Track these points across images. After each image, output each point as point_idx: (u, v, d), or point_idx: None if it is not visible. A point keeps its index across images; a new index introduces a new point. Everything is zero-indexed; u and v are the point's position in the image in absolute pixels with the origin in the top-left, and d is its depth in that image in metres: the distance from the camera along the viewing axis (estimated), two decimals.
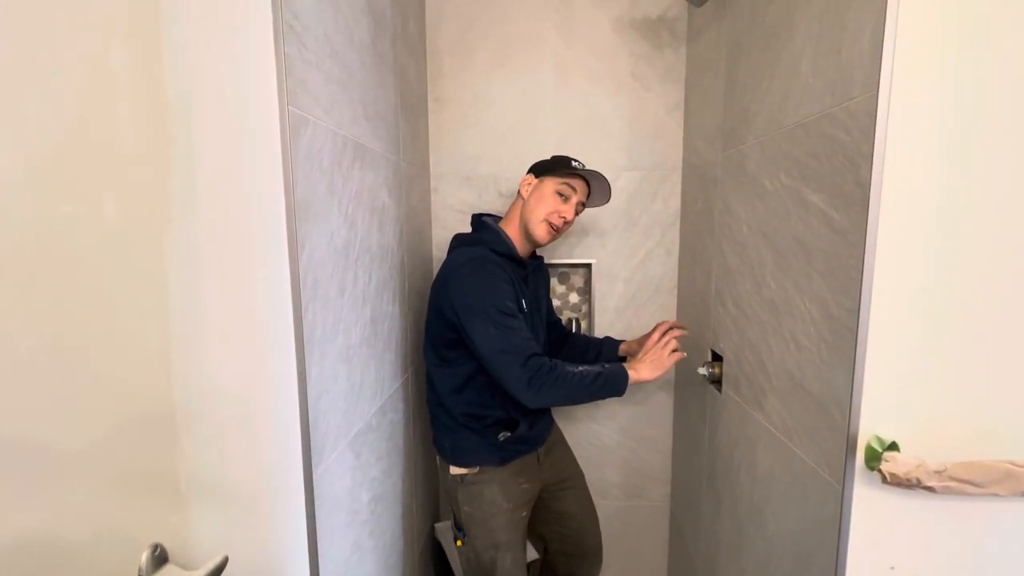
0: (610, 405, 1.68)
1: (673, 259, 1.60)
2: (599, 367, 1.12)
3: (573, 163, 1.21)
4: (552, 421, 1.38)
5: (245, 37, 0.63)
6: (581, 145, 1.52)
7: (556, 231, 1.21)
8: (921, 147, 0.66)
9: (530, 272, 1.28)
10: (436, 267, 1.63)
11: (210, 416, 0.57)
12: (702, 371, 1.27)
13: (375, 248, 1.08)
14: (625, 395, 1.64)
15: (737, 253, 1.12)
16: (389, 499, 1.17)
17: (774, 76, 0.95)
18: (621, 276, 1.62)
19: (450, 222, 1.62)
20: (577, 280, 1.67)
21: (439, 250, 1.63)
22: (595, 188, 1.24)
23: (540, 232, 1.20)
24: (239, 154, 0.62)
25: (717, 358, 1.26)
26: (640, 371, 1.15)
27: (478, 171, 1.60)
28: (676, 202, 1.57)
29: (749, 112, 1.06)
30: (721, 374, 1.23)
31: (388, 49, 1.16)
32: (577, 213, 1.24)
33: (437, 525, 1.62)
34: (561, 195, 1.20)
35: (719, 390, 1.25)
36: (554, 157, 1.25)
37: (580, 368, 1.11)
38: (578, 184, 1.21)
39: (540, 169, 1.24)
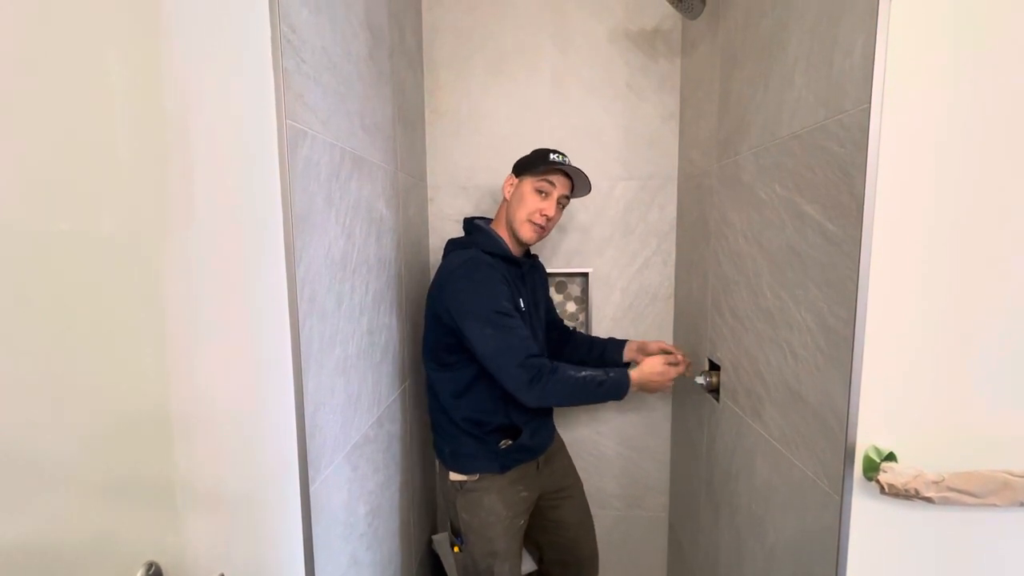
0: (608, 415, 1.68)
1: (669, 268, 1.60)
2: (603, 372, 1.12)
3: (551, 156, 1.19)
4: (554, 430, 1.37)
5: (244, 51, 0.64)
6: (577, 155, 1.52)
7: (542, 229, 1.21)
8: (914, 159, 0.66)
9: (526, 271, 1.27)
10: (434, 277, 1.63)
11: (206, 430, 0.56)
12: (700, 380, 1.27)
13: (372, 259, 1.08)
14: (623, 404, 1.65)
15: (733, 263, 1.13)
16: (386, 512, 1.16)
17: (768, 88, 0.96)
18: (618, 285, 1.62)
19: (447, 232, 1.62)
20: (574, 289, 1.67)
21: (436, 260, 1.63)
22: (577, 179, 1.22)
23: (525, 232, 1.20)
24: (237, 167, 0.62)
25: (714, 367, 1.26)
26: (643, 381, 1.15)
27: (474, 181, 1.60)
28: (672, 211, 1.58)
29: (743, 123, 1.07)
30: (719, 383, 1.23)
31: (385, 61, 1.17)
32: (562, 207, 1.23)
33: (434, 537, 1.60)
34: (541, 192, 1.19)
35: (717, 399, 1.25)
36: (534, 152, 1.24)
37: (583, 372, 1.10)
38: (557, 178, 1.19)
39: (520, 167, 1.24)
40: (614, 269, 1.62)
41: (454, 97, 1.57)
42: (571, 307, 1.68)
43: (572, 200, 1.56)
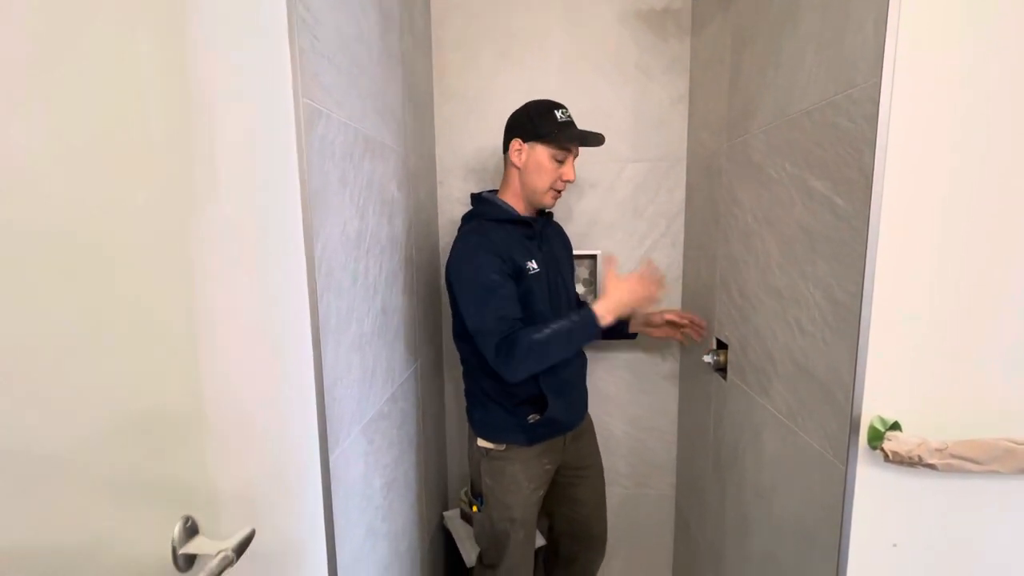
0: (617, 394, 1.70)
1: (678, 250, 1.61)
2: (568, 320, 1.11)
3: (558, 114, 1.17)
4: (585, 409, 1.39)
5: (262, 30, 0.65)
6: None
7: (560, 192, 1.22)
8: (924, 133, 0.67)
9: (538, 231, 1.25)
10: (443, 260, 1.65)
11: (234, 395, 0.59)
12: (707, 359, 1.28)
13: (385, 240, 1.10)
14: (631, 384, 1.68)
15: (742, 242, 1.14)
16: (400, 486, 1.20)
17: (779, 66, 0.96)
18: (627, 267, 1.63)
19: (456, 215, 1.63)
20: (583, 271, 1.69)
21: (446, 243, 1.65)
22: (589, 136, 1.20)
23: (548, 200, 1.21)
24: (257, 144, 0.64)
25: (722, 346, 1.28)
26: (607, 307, 1.13)
27: (484, 164, 1.61)
28: (681, 193, 1.58)
29: (754, 102, 1.07)
30: (726, 362, 1.25)
31: (395, 43, 1.18)
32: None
33: (446, 513, 1.64)
34: (559, 160, 1.18)
35: (724, 378, 1.26)
36: (534, 108, 1.20)
37: (547, 329, 1.09)
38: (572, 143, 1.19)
39: (527, 132, 1.18)
40: (623, 251, 1.63)
41: (463, 80, 1.58)
42: (580, 289, 1.69)
43: (579, 181, 1.58)
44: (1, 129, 0.34)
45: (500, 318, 1.09)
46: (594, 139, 1.20)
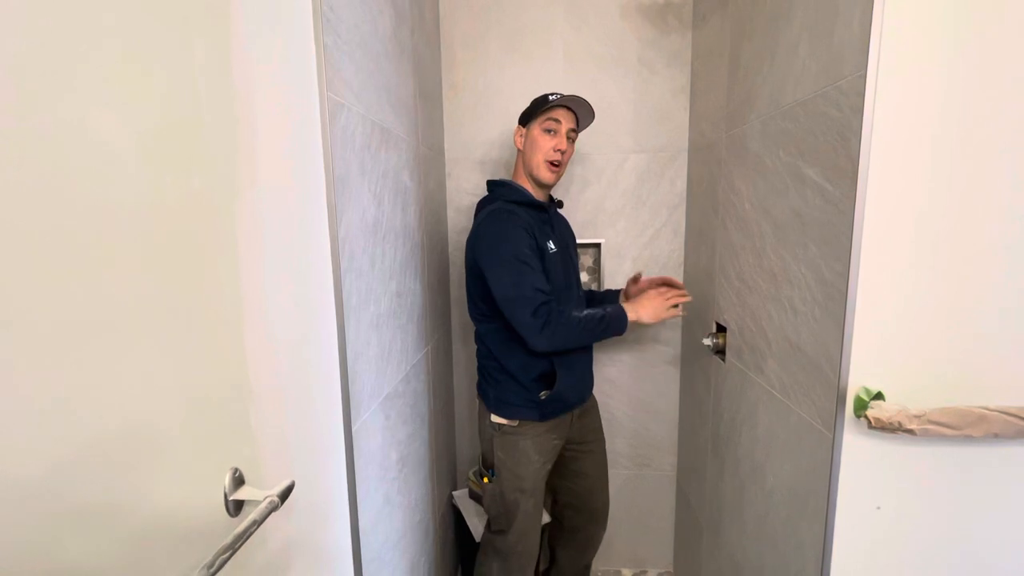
0: (620, 379, 1.76)
1: (679, 238, 1.66)
2: (601, 310, 1.22)
3: (550, 97, 1.26)
4: (591, 388, 1.46)
5: (292, 28, 0.70)
6: (589, 129, 1.57)
7: (558, 166, 1.29)
8: (906, 122, 0.72)
9: (552, 216, 1.36)
10: (452, 249, 1.71)
11: (270, 365, 0.65)
12: (707, 342, 1.34)
13: (399, 227, 1.15)
14: (634, 369, 1.73)
15: (740, 228, 1.19)
16: (414, 462, 1.26)
17: (775, 59, 1.00)
18: (629, 255, 1.68)
19: (464, 205, 1.68)
20: (587, 260, 1.74)
21: (455, 232, 1.71)
22: (580, 111, 1.29)
23: (544, 174, 1.28)
24: (288, 134, 0.69)
25: (721, 329, 1.33)
26: (639, 312, 1.24)
27: (490, 156, 1.66)
28: (682, 183, 1.63)
29: (751, 94, 1.11)
30: (725, 344, 1.30)
31: (407, 38, 1.23)
32: (572, 140, 1.31)
33: (455, 493, 1.71)
34: (549, 131, 1.27)
35: (723, 360, 1.31)
36: (534, 100, 1.31)
37: (585, 312, 1.21)
38: (561, 114, 1.27)
39: (525, 117, 1.31)
40: (626, 240, 1.68)
41: (470, 74, 1.62)
42: (584, 277, 1.75)
43: (583, 172, 1.63)
44: (94, 120, 0.40)
45: (536, 289, 1.17)
46: (575, 101, 1.26)
